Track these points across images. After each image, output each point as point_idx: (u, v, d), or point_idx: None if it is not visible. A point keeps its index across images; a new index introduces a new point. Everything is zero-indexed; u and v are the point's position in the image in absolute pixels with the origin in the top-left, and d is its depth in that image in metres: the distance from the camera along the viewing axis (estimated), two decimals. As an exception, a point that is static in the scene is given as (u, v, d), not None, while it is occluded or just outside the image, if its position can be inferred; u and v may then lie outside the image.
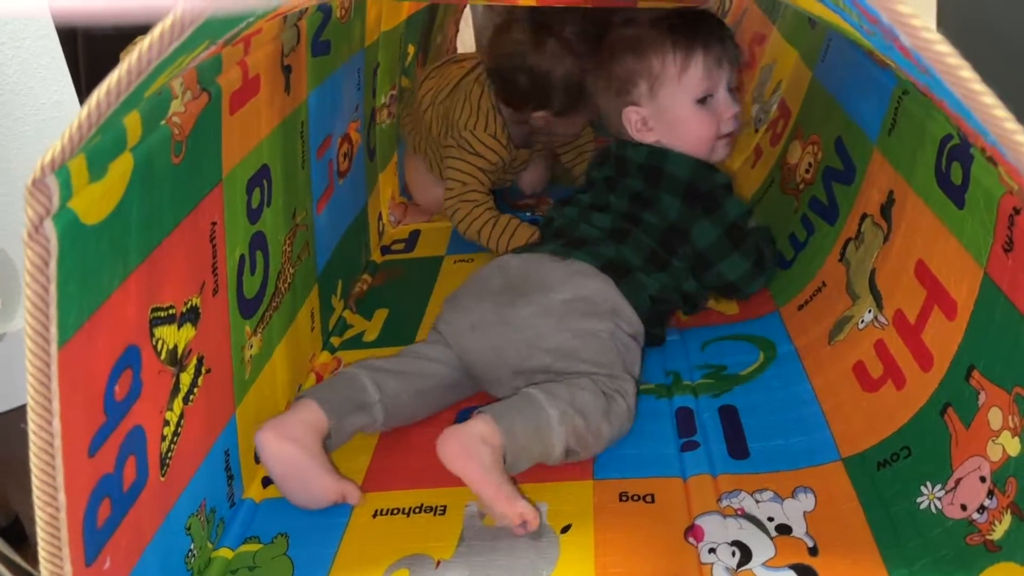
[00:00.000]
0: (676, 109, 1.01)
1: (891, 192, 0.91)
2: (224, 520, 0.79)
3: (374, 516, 0.80)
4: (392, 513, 0.80)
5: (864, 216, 0.96)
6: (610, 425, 0.82)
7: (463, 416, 0.92)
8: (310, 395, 0.84)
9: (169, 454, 0.67)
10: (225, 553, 0.76)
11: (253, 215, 0.83)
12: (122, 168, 0.58)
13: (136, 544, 0.63)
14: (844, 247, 0.99)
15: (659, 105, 1.01)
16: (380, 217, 1.40)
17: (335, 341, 1.09)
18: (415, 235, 1.41)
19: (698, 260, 1.00)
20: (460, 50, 2.17)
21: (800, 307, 1.02)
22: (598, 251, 0.95)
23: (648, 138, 1.03)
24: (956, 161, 0.76)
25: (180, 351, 0.68)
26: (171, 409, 0.67)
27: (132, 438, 0.61)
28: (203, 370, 0.72)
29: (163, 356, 0.65)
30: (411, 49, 1.56)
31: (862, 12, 0.45)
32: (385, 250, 1.36)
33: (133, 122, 0.59)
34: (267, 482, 0.84)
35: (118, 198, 0.58)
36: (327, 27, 1.02)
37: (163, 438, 0.66)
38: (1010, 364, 0.65)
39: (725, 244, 1.00)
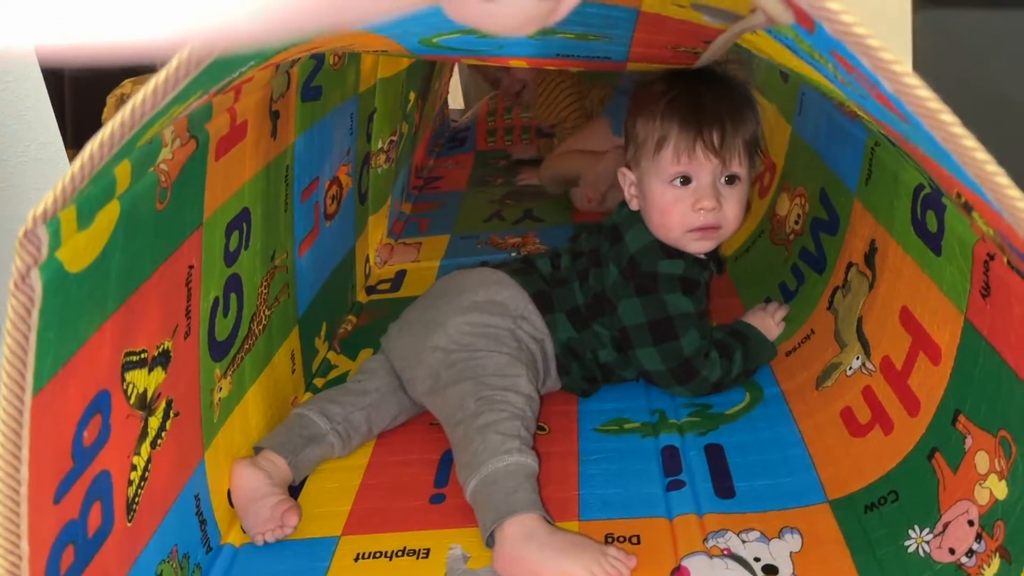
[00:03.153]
0: (649, 183, 0.94)
1: (873, 241, 0.92)
2: (200, 566, 0.77)
3: (356, 560, 0.78)
4: (374, 556, 0.79)
5: (850, 265, 0.97)
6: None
7: (445, 460, 0.91)
8: (263, 444, 0.88)
9: (136, 499, 0.66)
10: (203, 599, 0.75)
11: (230, 258, 0.82)
12: (109, 216, 0.58)
13: (104, 588, 0.62)
14: (832, 296, 1.00)
15: (641, 173, 0.95)
16: (367, 259, 1.40)
17: (319, 383, 1.08)
18: (401, 275, 1.41)
19: (621, 336, 0.96)
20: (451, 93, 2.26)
21: (788, 353, 1.02)
22: (532, 281, 0.98)
23: (634, 204, 0.96)
24: (930, 209, 0.78)
25: (149, 395, 0.67)
26: (138, 454, 0.66)
27: (98, 483, 0.60)
28: (172, 414, 0.71)
29: (132, 400, 0.65)
30: (412, 96, 1.58)
31: (839, 61, 0.45)
32: (370, 290, 1.36)
33: (123, 171, 0.59)
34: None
35: (102, 246, 0.58)
36: (319, 73, 1.02)
37: (130, 483, 0.65)
38: (994, 407, 0.65)
39: (646, 333, 0.94)
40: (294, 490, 0.88)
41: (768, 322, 1.04)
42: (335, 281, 1.20)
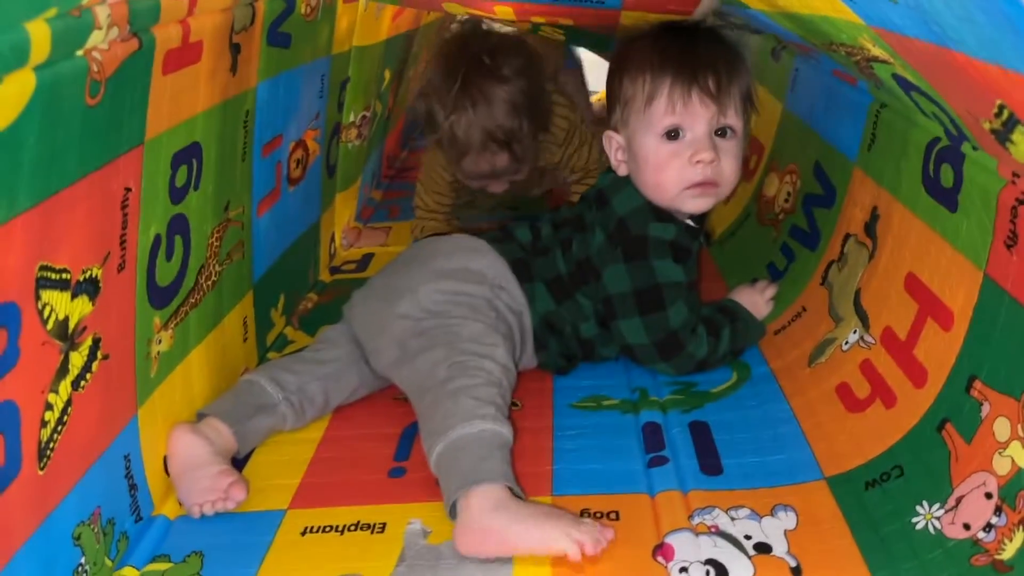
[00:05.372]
0: (640, 141, 0.86)
1: (875, 208, 0.86)
2: (128, 535, 0.69)
3: (303, 534, 0.71)
4: (324, 531, 0.71)
5: (847, 237, 0.92)
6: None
7: (408, 435, 0.84)
8: (207, 410, 0.80)
9: (51, 444, 0.58)
10: (129, 572, 0.67)
11: (176, 194, 0.75)
12: (21, 85, 0.51)
13: (4, 543, 0.53)
14: (826, 270, 0.94)
15: (630, 134, 0.87)
16: (333, 238, 1.32)
17: (273, 357, 1.00)
18: (368, 257, 1.34)
19: (605, 306, 0.89)
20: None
21: (777, 332, 0.96)
22: (510, 248, 0.92)
23: (622, 170, 0.89)
24: (946, 163, 0.72)
25: (72, 325, 0.60)
26: (55, 391, 0.58)
27: (2, 414, 0.52)
28: (99, 355, 0.64)
29: (50, 326, 0.57)
30: (388, 74, 1.52)
31: None
32: (335, 270, 1.29)
33: (39, 34, 0.51)
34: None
35: (13, 118, 0.50)
36: (288, 19, 0.95)
37: (44, 423, 0.57)
38: (1018, 367, 0.59)
39: (631, 302, 0.87)
40: (238, 463, 0.80)
41: (757, 300, 0.98)
42: (297, 253, 1.12)
